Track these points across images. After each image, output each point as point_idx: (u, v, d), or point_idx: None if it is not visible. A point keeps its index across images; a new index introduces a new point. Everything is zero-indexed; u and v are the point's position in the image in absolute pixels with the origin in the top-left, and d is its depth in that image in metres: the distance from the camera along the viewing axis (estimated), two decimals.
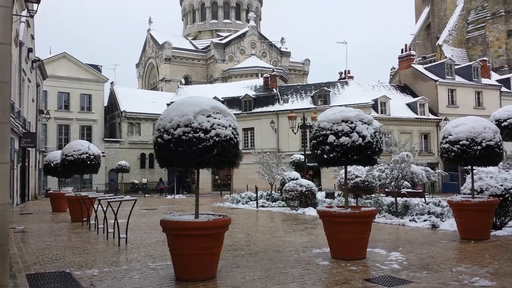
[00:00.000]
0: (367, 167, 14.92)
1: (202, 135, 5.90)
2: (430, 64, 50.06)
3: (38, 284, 6.12)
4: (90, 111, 47.76)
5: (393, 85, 46.78)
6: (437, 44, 66.92)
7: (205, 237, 6.14)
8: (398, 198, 15.36)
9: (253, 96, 43.14)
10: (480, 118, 10.23)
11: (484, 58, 51.69)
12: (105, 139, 48.68)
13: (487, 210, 9.82)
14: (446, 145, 9.85)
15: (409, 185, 19.17)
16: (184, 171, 41.35)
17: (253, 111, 42.47)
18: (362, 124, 7.49)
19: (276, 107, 41.87)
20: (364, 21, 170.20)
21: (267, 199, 22.96)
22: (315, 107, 38.39)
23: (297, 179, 20.87)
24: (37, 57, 32.28)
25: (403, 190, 16.98)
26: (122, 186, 43.91)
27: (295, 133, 30.02)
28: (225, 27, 74.41)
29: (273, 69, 52.12)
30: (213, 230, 6.24)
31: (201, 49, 70.04)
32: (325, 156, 7.50)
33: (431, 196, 23.20)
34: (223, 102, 31.68)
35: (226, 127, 6.10)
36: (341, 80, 44.98)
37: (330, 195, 23.24)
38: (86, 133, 46.83)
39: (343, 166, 8.28)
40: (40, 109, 35.95)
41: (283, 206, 20.51)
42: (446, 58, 50.90)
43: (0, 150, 4.79)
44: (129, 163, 44.23)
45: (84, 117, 47.25)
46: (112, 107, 52.80)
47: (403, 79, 46.95)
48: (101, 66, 51.05)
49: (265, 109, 42.25)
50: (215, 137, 5.94)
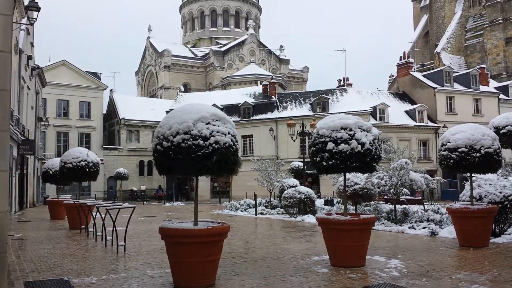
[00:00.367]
0: (366, 174, 14.91)
1: (201, 142, 5.91)
2: (428, 72, 50.24)
3: None
4: (89, 119, 47.78)
5: (391, 93, 46.90)
6: (435, 51, 67.22)
7: (204, 244, 6.13)
8: (397, 205, 15.35)
9: (252, 104, 43.21)
10: (479, 125, 10.25)
11: (483, 65, 51.89)
12: (104, 146, 48.66)
13: (486, 217, 9.82)
14: (445, 152, 9.85)
15: (408, 192, 19.16)
16: (183, 178, 41.30)
17: (252, 118, 42.52)
18: (361, 131, 7.50)
19: (275, 114, 41.93)
20: (363, 29, 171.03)
21: (266, 206, 22.93)
22: (314, 115, 38.45)
23: (296, 186, 20.85)
24: (36, 65, 32.33)
25: (402, 197, 16.98)
26: (121, 193, 43.84)
27: (294, 140, 30.06)
28: (224, 35, 74.67)
29: (272, 77, 52.23)
30: (212, 238, 6.22)
31: (200, 56, 70.25)
32: (324, 163, 7.51)
33: (430, 203, 23.23)
34: (222, 110, 31.74)
35: (225, 134, 6.10)
36: (340, 88, 45.11)
37: (329, 202, 23.24)
38: (85, 140, 46.81)
39: (342, 173, 8.28)
40: (39, 116, 35.96)
41: (282, 213, 20.48)
42: (445, 65, 51.10)
43: None
44: (128, 170, 44.17)
45: (83, 125, 47.26)
46: (111, 114, 52.82)
47: (401, 86, 47.08)
48: (100, 73, 51.18)
49: (264, 116, 42.30)
50: (214, 144, 5.95)
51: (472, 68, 49.32)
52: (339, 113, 11.87)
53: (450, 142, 9.79)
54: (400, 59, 47.18)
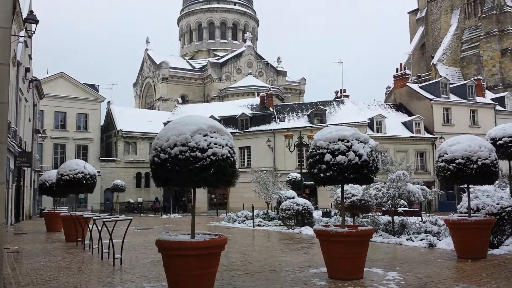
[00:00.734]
0: (363, 186, 14.89)
1: (199, 154, 5.90)
2: (425, 83, 50.49)
3: None
4: (87, 130, 47.73)
5: (388, 104, 47.08)
6: (431, 63, 67.61)
7: (201, 257, 6.09)
8: (395, 217, 15.32)
9: (249, 115, 43.28)
10: (476, 136, 10.29)
11: (479, 77, 52.21)
12: (101, 158, 48.55)
13: (484, 229, 9.81)
14: (442, 164, 9.87)
15: (406, 204, 19.16)
16: (180, 190, 41.18)
17: (249, 130, 42.56)
18: (358, 142, 7.52)
19: (273, 125, 41.98)
20: (360, 40, 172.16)
21: (264, 218, 22.84)
22: (312, 126, 38.53)
23: (293, 197, 20.82)
24: (34, 77, 32.37)
25: (400, 209, 16.97)
26: (117, 205, 43.61)
27: (291, 152, 30.03)
28: (222, 47, 75.03)
29: (269, 88, 52.39)
30: (209, 250, 6.19)
31: (198, 68, 70.51)
32: (321, 174, 7.51)
33: (427, 214, 23.19)
34: (219, 121, 31.75)
35: (223, 146, 6.11)
36: (337, 99, 45.26)
37: (326, 214, 23.17)
38: (82, 152, 46.70)
39: (340, 185, 8.27)
40: (37, 128, 35.92)
41: (280, 225, 20.41)
42: (441, 77, 51.36)
43: None
44: (125, 182, 43.96)
45: (80, 137, 47.19)
46: (108, 126, 52.79)
47: (398, 98, 47.29)
48: (98, 85, 51.22)
49: (261, 127, 42.34)
50: (212, 156, 5.95)
51: (469, 80, 49.58)
52: (336, 124, 11.91)
53: (447, 154, 9.81)
54: (397, 71, 47.44)
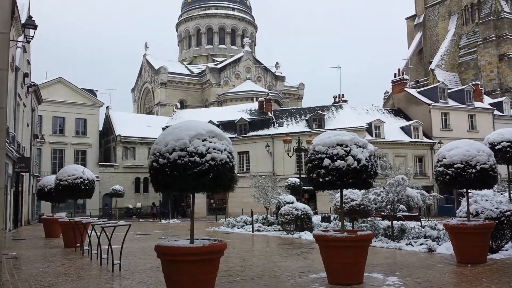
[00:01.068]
0: (362, 191, 14.91)
1: (197, 159, 5.90)
2: (423, 88, 50.60)
3: None
4: (85, 136, 47.68)
5: (387, 109, 47.17)
6: (429, 68, 67.79)
7: (201, 262, 6.07)
8: (394, 222, 15.31)
9: (248, 120, 43.30)
10: (474, 141, 10.29)
11: (477, 82, 52.36)
12: (99, 163, 48.47)
13: (483, 234, 9.79)
14: (441, 168, 9.87)
15: (405, 209, 19.17)
16: (179, 195, 41.12)
17: (248, 134, 42.56)
18: (357, 147, 7.52)
19: (271, 130, 41.99)
20: (358, 46, 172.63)
21: (263, 223, 22.80)
22: (310, 131, 38.51)
23: (292, 202, 20.79)
24: (32, 82, 32.36)
25: (399, 214, 16.96)
26: (116, 210, 43.50)
27: (290, 157, 30.07)
28: (221, 52, 75.21)
29: (268, 93, 52.46)
30: (208, 256, 6.17)
31: (197, 73, 70.63)
32: (320, 179, 7.50)
33: (427, 219, 23.17)
34: (218, 126, 31.73)
35: (221, 151, 6.10)
36: (335, 104, 45.32)
37: (326, 218, 23.14)
38: (81, 157, 46.64)
39: (339, 190, 8.27)
40: (35, 133, 35.87)
41: (279, 230, 20.37)
42: (439, 82, 51.49)
43: None
44: (124, 187, 43.87)
45: (79, 142, 47.14)
46: (107, 131, 52.76)
47: (396, 103, 47.38)
48: (96, 90, 51.25)
49: (260, 132, 42.34)
50: (210, 161, 5.94)
51: (466, 85, 49.74)
52: (335, 129, 11.93)
53: (445, 158, 9.82)
54: (395, 76, 47.57)
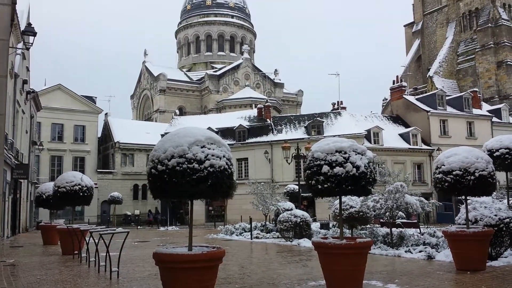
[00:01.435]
0: (361, 198, 14.89)
1: (196, 165, 5.89)
2: (421, 95, 50.74)
3: None
4: (84, 142, 47.63)
5: (385, 116, 47.23)
6: (428, 75, 68.03)
7: (199, 270, 6.05)
8: (393, 229, 15.28)
9: (247, 127, 43.32)
10: (473, 148, 10.31)
11: (475, 89, 52.50)
12: (98, 170, 48.38)
13: (482, 241, 9.77)
14: (440, 175, 9.87)
15: (404, 216, 19.12)
16: (177, 202, 41.00)
17: (247, 141, 42.54)
18: (355, 154, 7.52)
19: (270, 137, 41.99)
20: (356, 53, 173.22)
21: (262, 230, 22.75)
22: (309, 138, 38.53)
23: (291, 209, 20.76)
24: (31, 89, 32.38)
25: (398, 221, 16.91)
26: (114, 218, 43.38)
27: (289, 164, 29.99)
28: (220, 59, 75.39)
29: (266, 100, 52.54)
30: (207, 263, 6.14)
31: (196, 80, 70.75)
32: (319, 186, 7.49)
33: (426, 226, 23.14)
34: (217, 133, 31.73)
35: (220, 158, 6.09)
36: (334, 111, 45.38)
37: (325, 225, 23.11)
38: (79, 164, 46.56)
39: (338, 197, 8.26)
40: (34, 140, 35.83)
41: (278, 237, 20.32)
42: (437, 89, 51.65)
43: None
44: (122, 194, 43.79)
45: (78, 148, 47.07)
46: (105, 138, 52.74)
47: (395, 109, 47.46)
48: (95, 97, 51.26)
49: (259, 139, 42.33)
50: (209, 168, 5.93)
51: (465, 92, 49.88)
52: (334, 136, 11.93)
53: (444, 165, 9.82)
54: (393, 83, 47.68)
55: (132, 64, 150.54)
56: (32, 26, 18.17)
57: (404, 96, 46.89)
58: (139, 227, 39.30)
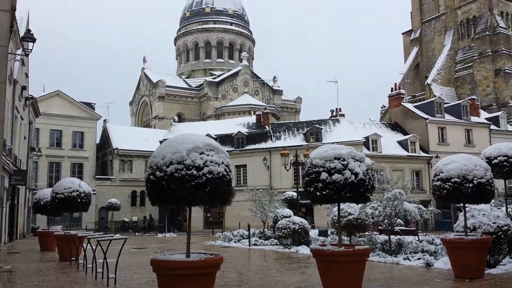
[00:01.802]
0: (360, 205, 14.87)
1: (195, 172, 5.88)
2: (419, 103, 50.87)
3: None
4: (82, 149, 47.60)
5: (384, 123, 47.31)
6: (426, 83, 68.22)
7: (197, 277, 6.02)
8: (391, 236, 15.25)
9: (245, 133, 43.35)
10: (471, 155, 10.32)
11: (473, 96, 52.73)
12: (96, 176, 48.31)
13: (481, 248, 9.77)
14: (438, 183, 9.88)
15: (402, 223, 19.09)
16: (176, 208, 40.91)
17: (245, 148, 42.54)
18: (354, 161, 7.53)
19: (269, 144, 42.00)
20: (355, 60, 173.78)
21: (260, 237, 22.69)
22: (308, 144, 38.56)
23: (290, 216, 20.72)
24: (30, 95, 32.37)
25: (396, 228, 16.89)
26: (112, 224, 43.24)
27: (287, 170, 30.01)
28: (218, 66, 75.57)
29: (265, 107, 52.62)
30: (204, 270, 6.12)
31: (195, 87, 70.87)
32: (318, 193, 7.50)
33: (424, 234, 23.10)
34: (216, 139, 31.66)
35: (219, 164, 6.09)
36: (332, 118, 45.44)
37: (323, 233, 23.05)
38: (78, 170, 46.49)
39: (336, 204, 8.26)
40: (32, 146, 35.79)
41: (276, 244, 20.27)
42: (435, 96, 51.77)
43: None
44: (120, 200, 43.64)
45: (76, 155, 47.02)
46: (104, 144, 52.71)
47: (393, 117, 47.56)
48: (94, 104, 51.31)
49: (257, 146, 42.34)
50: (208, 174, 5.93)
51: (463, 99, 50.02)
52: (332, 143, 11.94)
53: (443, 173, 9.83)
54: (392, 91, 47.81)
55: (131, 70, 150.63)
56: (31, 32, 18.19)
57: (402, 103, 47.02)
58: (136, 233, 39.16)
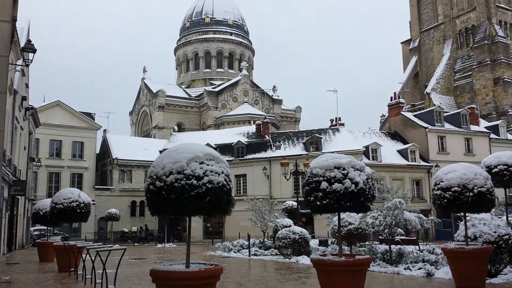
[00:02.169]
0: (360, 214, 14.84)
1: (195, 182, 5.86)
2: (419, 112, 50.96)
3: None
4: (82, 159, 47.57)
5: (383, 132, 47.35)
6: (425, 92, 68.40)
7: (196, 287, 5.98)
8: (392, 246, 15.19)
9: (245, 143, 43.35)
10: (471, 164, 10.31)
11: (472, 105, 52.80)
12: (95, 186, 48.22)
13: (482, 258, 9.71)
14: (438, 192, 9.85)
15: (403, 232, 19.03)
16: (175, 218, 40.77)
17: (245, 157, 42.53)
18: (354, 170, 7.52)
19: (269, 153, 42.00)
20: (354, 69, 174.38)
21: (260, 247, 22.60)
22: (307, 154, 38.56)
23: (290, 226, 20.65)
24: (30, 105, 32.42)
25: (397, 238, 16.84)
26: (111, 234, 43.08)
27: (287, 180, 29.99)
28: (218, 76, 75.79)
29: (265, 116, 52.71)
30: (204, 280, 6.08)
31: (195, 97, 71.04)
32: (318, 202, 7.47)
33: (425, 243, 23.02)
34: (215, 149, 31.66)
35: (219, 174, 6.07)
36: (332, 127, 45.47)
37: (323, 242, 22.96)
38: (77, 180, 46.41)
39: (336, 213, 8.23)
40: (32, 156, 35.77)
41: (276, 254, 20.17)
42: (435, 105, 51.88)
43: None
44: (120, 210, 43.56)
45: (76, 165, 46.99)
46: (104, 154, 52.68)
47: (393, 126, 47.62)
48: (94, 114, 51.40)
49: (257, 155, 42.33)
50: (208, 184, 5.91)
51: (462, 108, 50.14)
52: (332, 152, 11.92)
53: (443, 182, 9.81)
54: (391, 100, 47.93)
55: (131, 80, 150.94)
56: (31, 43, 18.30)
57: (402, 112, 47.11)
58: (136, 244, 39.00)
